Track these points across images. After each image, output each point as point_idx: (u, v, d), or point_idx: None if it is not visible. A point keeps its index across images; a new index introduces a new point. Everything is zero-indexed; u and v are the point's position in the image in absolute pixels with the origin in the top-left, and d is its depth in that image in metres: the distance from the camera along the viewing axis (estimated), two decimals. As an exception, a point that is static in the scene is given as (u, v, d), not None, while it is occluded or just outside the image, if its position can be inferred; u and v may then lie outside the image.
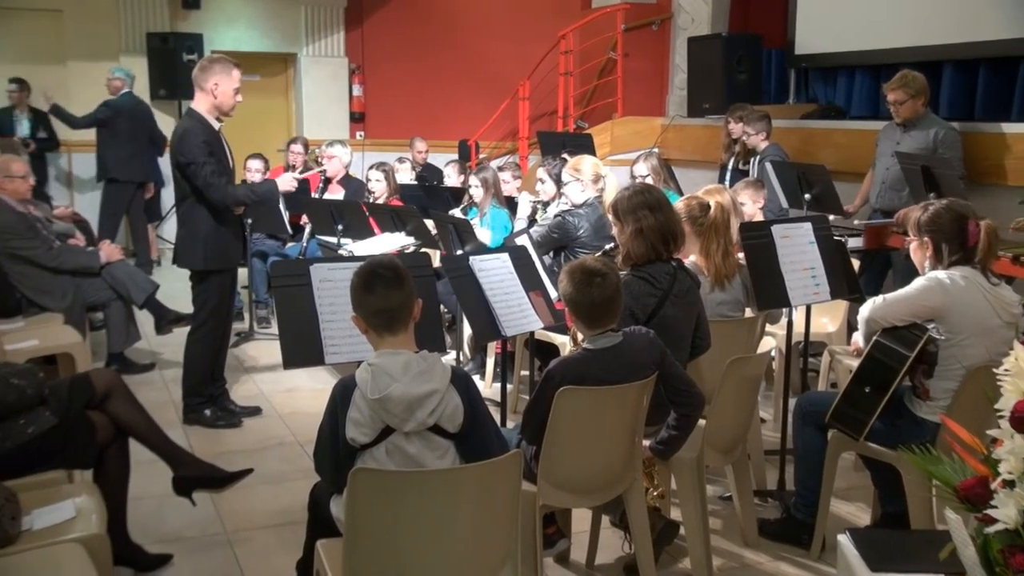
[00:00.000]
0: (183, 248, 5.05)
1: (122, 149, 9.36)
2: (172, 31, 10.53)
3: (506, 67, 11.18)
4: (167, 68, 10.27)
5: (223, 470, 3.72)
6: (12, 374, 3.33)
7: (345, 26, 11.55)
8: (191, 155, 4.79)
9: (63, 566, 2.67)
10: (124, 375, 4.06)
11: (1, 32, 10.23)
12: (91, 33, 10.42)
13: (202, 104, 4.93)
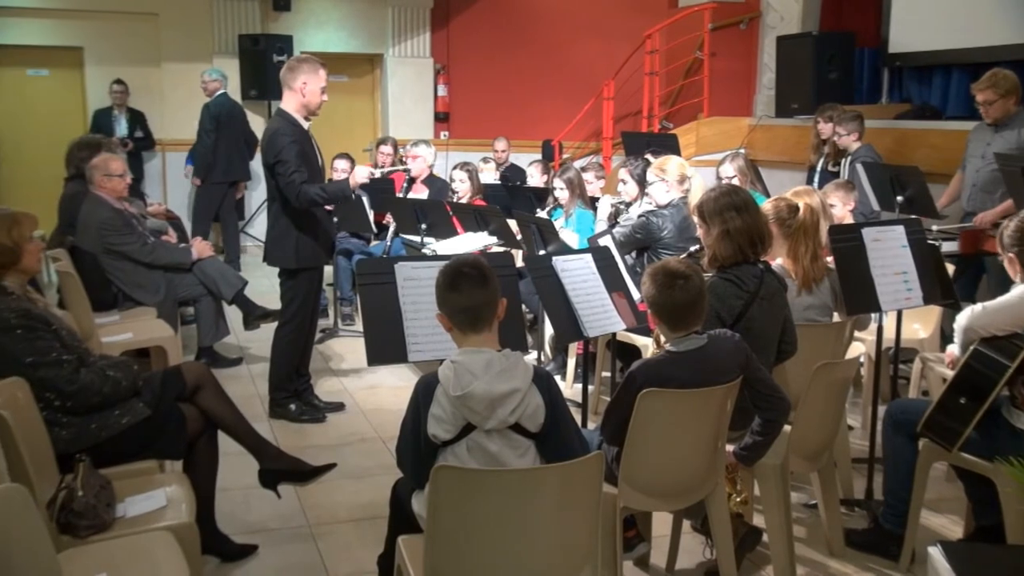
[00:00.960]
0: (274, 246, 5.15)
1: (218, 149, 9.56)
2: (263, 32, 10.76)
3: (591, 67, 11.15)
4: (258, 69, 10.50)
5: (307, 464, 3.78)
6: (108, 366, 3.45)
7: (431, 26, 11.65)
8: (279, 155, 4.88)
9: (154, 553, 2.74)
10: (213, 369, 4.15)
11: (100, 35, 10.58)
12: (185, 36, 10.71)
13: (290, 103, 5.02)
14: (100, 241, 5.75)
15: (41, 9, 10.34)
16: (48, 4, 10.32)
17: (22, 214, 3.45)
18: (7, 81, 10.62)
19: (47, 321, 3.32)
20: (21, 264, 3.39)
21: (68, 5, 10.35)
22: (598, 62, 11.03)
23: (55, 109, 10.68)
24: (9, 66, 10.58)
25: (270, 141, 4.96)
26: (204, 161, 9.61)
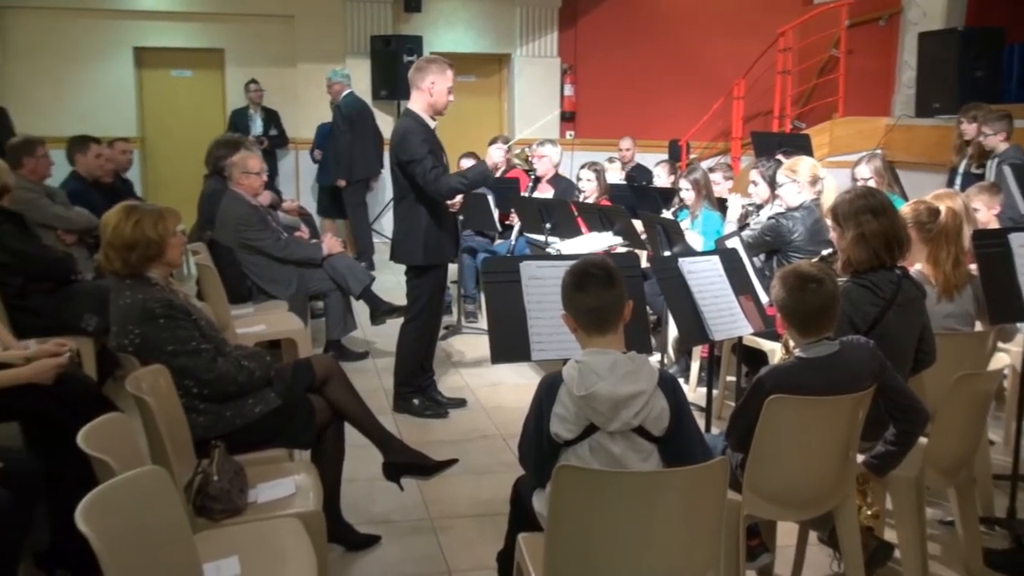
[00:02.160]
0: (402, 244, 5.23)
1: (353, 148, 9.73)
2: (394, 33, 10.97)
3: (720, 65, 10.96)
4: (388, 69, 10.72)
5: (430, 458, 3.83)
6: (243, 356, 3.57)
7: (559, 26, 11.66)
8: (412, 153, 4.95)
9: (283, 538, 2.82)
10: (340, 362, 4.25)
11: (238, 37, 11.00)
12: (319, 37, 11.02)
13: (418, 103, 5.09)
14: (236, 236, 5.97)
15: (185, 13, 10.83)
16: (191, 8, 10.80)
17: (166, 209, 3.60)
18: (152, 82, 11.15)
19: (188, 312, 3.46)
20: (165, 257, 3.54)
21: (210, 8, 10.81)
22: (728, 60, 10.84)
23: (196, 109, 11.17)
24: (154, 67, 11.11)
25: (401, 140, 5.03)
26: (346, 161, 9.71)
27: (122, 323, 3.39)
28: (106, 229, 3.48)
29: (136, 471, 2.29)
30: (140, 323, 3.34)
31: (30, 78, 10.49)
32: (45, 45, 10.55)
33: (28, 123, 9.59)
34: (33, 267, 4.95)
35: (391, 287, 7.38)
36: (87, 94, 10.68)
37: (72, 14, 10.55)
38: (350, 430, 3.77)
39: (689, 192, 6.38)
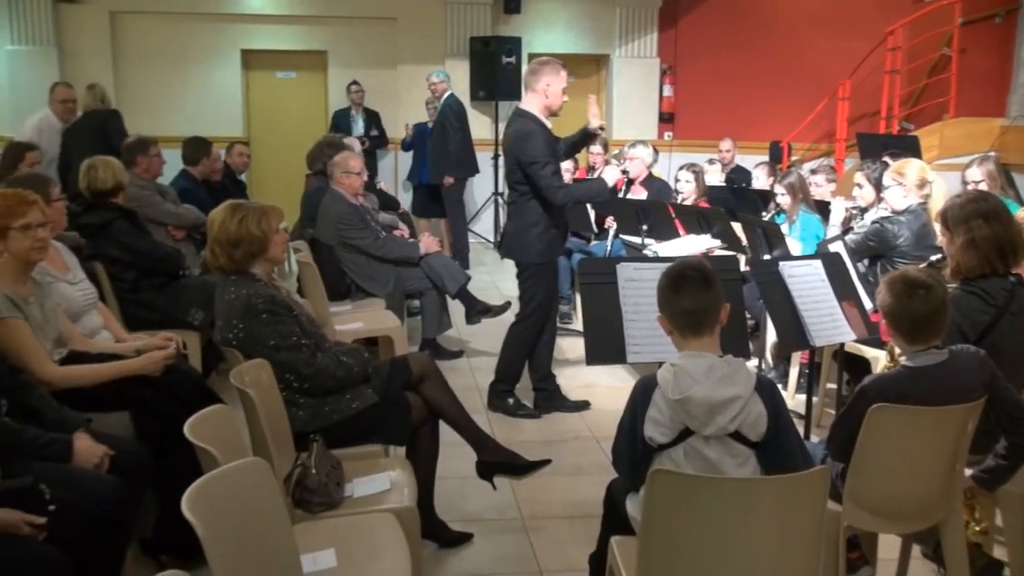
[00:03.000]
0: (516, 241, 5.21)
1: (453, 149, 9.74)
2: (493, 35, 11.03)
3: (825, 65, 10.71)
4: (487, 70, 10.78)
5: (523, 458, 3.84)
6: (342, 352, 3.64)
7: (658, 26, 11.56)
8: (535, 155, 4.94)
9: (377, 533, 2.86)
10: (435, 360, 4.28)
11: (342, 39, 11.22)
12: (420, 39, 11.16)
13: (534, 104, 5.09)
14: (336, 234, 6.08)
15: (291, 16, 11.09)
16: (297, 11, 11.05)
17: (270, 207, 3.69)
18: (259, 83, 11.45)
19: (289, 307, 3.55)
20: (268, 254, 3.62)
21: (314, 11, 11.04)
22: (833, 60, 10.59)
23: (300, 109, 11.43)
24: (261, 69, 11.41)
25: (524, 141, 5.00)
26: (454, 159, 9.67)
27: (227, 318, 3.49)
28: (212, 226, 3.58)
29: (239, 462, 2.35)
30: (244, 318, 3.44)
31: (143, 80, 10.90)
32: (157, 49, 10.94)
33: (141, 123, 9.96)
34: (144, 263, 5.13)
35: (486, 287, 7.44)
36: (197, 96, 11.04)
37: (183, 18, 10.91)
38: (444, 428, 3.81)
39: (784, 197, 6.24)
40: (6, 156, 5.95)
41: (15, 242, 3.41)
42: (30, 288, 3.53)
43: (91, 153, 5.52)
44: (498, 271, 9.58)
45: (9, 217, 3.39)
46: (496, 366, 5.47)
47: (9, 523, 2.46)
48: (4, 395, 3.07)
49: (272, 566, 2.34)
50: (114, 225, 5.05)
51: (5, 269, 3.43)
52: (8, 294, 3.36)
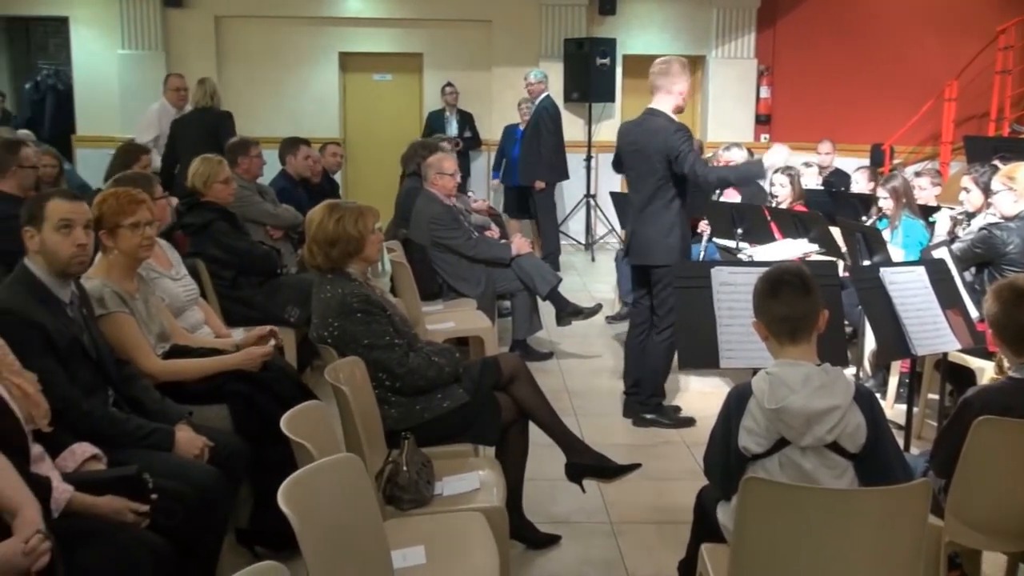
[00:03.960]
0: (653, 245, 5.06)
1: (545, 152, 9.67)
2: (587, 36, 11.01)
3: (930, 66, 10.39)
4: (580, 72, 10.76)
5: (613, 462, 3.81)
6: (434, 352, 3.67)
7: (756, 27, 11.37)
8: (678, 147, 4.87)
9: (467, 532, 2.88)
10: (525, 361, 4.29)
11: (438, 42, 11.33)
12: (515, 41, 11.20)
13: (666, 104, 5.03)
14: (429, 234, 6.14)
15: (387, 19, 11.25)
16: (393, 14, 11.20)
17: (367, 207, 3.75)
18: (356, 86, 11.65)
19: (383, 307, 3.60)
20: (363, 253, 3.68)
21: (411, 14, 11.18)
22: (939, 60, 10.26)
23: (395, 111, 11.59)
24: (358, 72, 11.60)
25: (669, 134, 4.92)
26: (547, 162, 9.62)
27: (322, 316, 3.56)
28: (310, 225, 3.66)
29: (333, 457, 2.39)
30: (339, 316, 3.50)
31: (245, 83, 11.19)
32: (259, 52, 11.22)
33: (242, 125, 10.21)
34: (242, 262, 5.27)
35: (576, 288, 7.42)
36: (296, 98, 11.29)
37: (284, 22, 11.17)
38: (534, 429, 3.81)
39: (887, 200, 6.06)
40: (120, 156, 6.17)
41: (125, 239, 3.53)
42: (137, 284, 3.66)
43: (200, 150, 5.70)
44: (589, 273, 9.56)
45: (120, 215, 3.52)
46: (631, 378, 5.31)
47: (115, 509, 2.55)
48: (110, 386, 3.19)
49: (363, 560, 2.38)
50: (214, 225, 5.19)
51: (115, 265, 3.56)
52: (117, 289, 3.49)
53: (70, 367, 3.00)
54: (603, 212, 10.82)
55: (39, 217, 3.05)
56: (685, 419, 5.25)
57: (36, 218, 3.05)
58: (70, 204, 3.12)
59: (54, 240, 3.04)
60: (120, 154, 6.28)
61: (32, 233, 3.05)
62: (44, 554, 2.18)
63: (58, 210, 3.07)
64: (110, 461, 2.85)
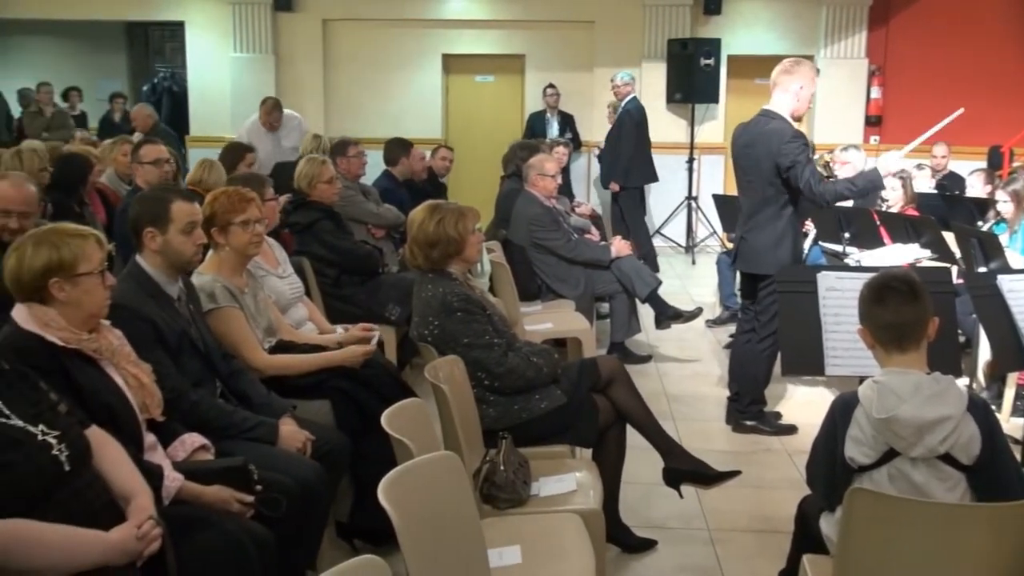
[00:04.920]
0: (758, 253, 4.91)
1: (636, 154, 9.57)
2: (692, 36, 10.88)
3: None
4: (683, 73, 10.64)
5: (712, 468, 3.75)
6: (532, 352, 3.68)
7: (868, 25, 11.05)
8: (793, 156, 4.68)
9: (563, 533, 2.88)
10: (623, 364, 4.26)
11: (540, 43, 11.35)
12: (618, 41, 11.14)
13: (782, 105, 4.84)
14: (529, 235, 6.16)
15: (490, 21, 11.33)
16: (496, 16, 11.28)
17: (467, 209, 3.78)
18: (458, 87, 11.77)
19: (483, 307, 3.62)
20: (464, 254, 3.71)
21: (514, 16, 11.23)
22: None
23: (497, 112, 11.66)
24: (460, 73, 11.72)
25: (782, 141, 4.72)
26: (626, 165, 9.53)
27: (423, 314, 3.60)
28: (412, 226, 3.70)
29: (432, 455, 2.42)
30: (439, 315, 3.53)
31: (350, 84, 11.43)
32: (364, 54, 11.44)
33: (347, 126, 10.52)
34: (345, 260, 5.37)
35: (676, 291, 7.34)
36: (399, 99, 11.47)
37: (388, 25, 11.35)
38: (631, 432, 3.78)
39: (1007, 204, 5.81)
40: (226, 156, 6.37)
41: (235, 237, 3.64)
42: (245, 280, 3.76)
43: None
44: (689, 276, 9.45)
45: (231, 213, 3.63)
46: (740, 386, 5.18)
47: (222, 499, 2.63)
48: (218, 379, 3.29)
49: (460, 557, 2.39)
50: (318, 224, 5.32)
51: (225, 262, 3.67)
52: (227, 285, 3.60)
53: (179, 360, 3.11)
54: (704, 214, 10.68)
55: (165, 219, 3.16)
56: (787, 426, 5.13)
57: (161, 219, 3.16)
58: (192, 206, 3.25)
59: (179, 241, 3.17)
60: (226, 154, 6.49)
61: (154, 234, 3.16)
62: (155, 539, 2.26)
63: (184, 212, 3.19)
64: (217, 452, 2.94)
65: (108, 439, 2.45)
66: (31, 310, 2.56)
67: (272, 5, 11.20)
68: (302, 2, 11.31)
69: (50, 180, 5.54)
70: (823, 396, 5.47)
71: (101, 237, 2.70)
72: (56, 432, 2.23)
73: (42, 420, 2.23)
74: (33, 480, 2.13)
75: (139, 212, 3.21)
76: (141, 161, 5.64)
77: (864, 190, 4.87)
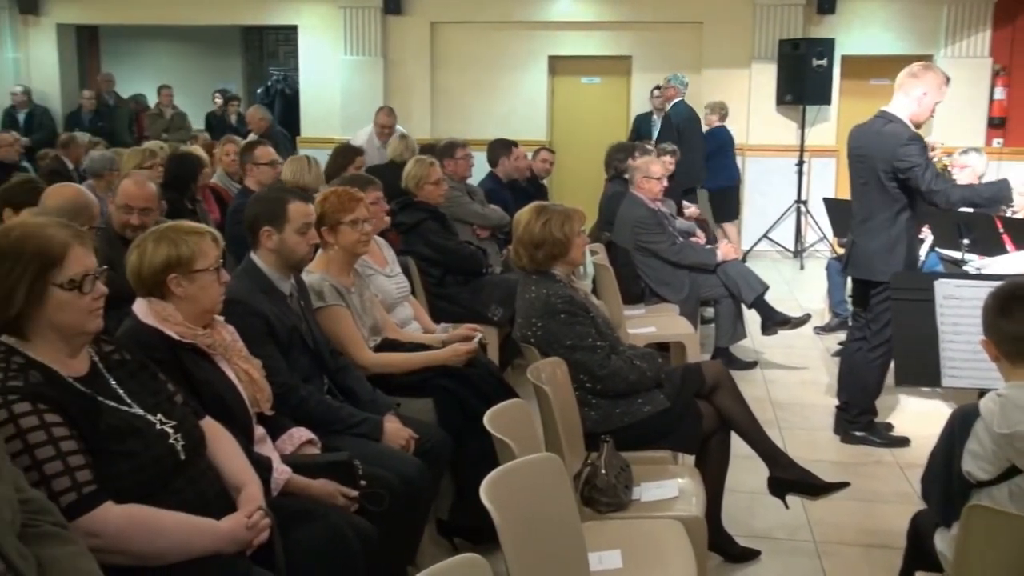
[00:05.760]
0: (871, 259, 4.78)
1: (695, 156, 9.28)
2: (804, 37, 10.63)
3: None
4: (794, 74, 10.40)
5: (819, 478, 3.65)
6: (636, 356, 3.65)
7: (993, 23, 10.60)
8: (913, 159, 4.55)
9: (664, 539, 2.84)
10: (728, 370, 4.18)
11: (647, 44, 11.25)
12: (727, 42, 10.96)
13: (902, 108, 4.70)
14: (633, 238, 6.12)
15: (597, 22, 11.29)
16: (603, 17, 11.23)
17: (573, 211, 3.77)
18: (564, 89, 11.76)
19: (586, 309, 3.61)
20: (568, 256, 3.70)
21: (621, 17, 11.16)
22: None
23: (602, 114, 11.61)
24: (566, 75, 11.71)
25: (899, 144, 4.58)
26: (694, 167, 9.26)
27: (526, 315, 3.60)
28: (518, 226, 3.72)
29: (534, 456, 2.42)
30: (543, 317, 3.53)
31: (457, 86, 11.54)
32: (471, 56, 11.54)
33: (453, 127, 10.62)
34: (449, 260, 5.43)
35: (783, 297, 7.19)
36: (505, 100, 11.53)
37: (495, 27, 11.42)
38: (735, 439, 3.71)
39: None
40: (336, 158, 6.51)
41: (344, 235, 3.72)
42: (352, 279, 3.84)
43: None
44: (797, 282, 9.24)
45: (340, 212, 3.71)
46: (848, 396, 5.05)
47: (327, 493, 2.69)
48: (326, 375, 3.36)
49: (561, 559, 2.39)
50: (424, 224, 5.38)
51: (334, 260, 3.75)
52: (335, 283, 3.67)
53: (290, 355, 3.19)
54: (814, 218, 10.43)
55: (281, 218, 3.25)
56: (898, 438, 4.96)
57: (279, 219, 3.26)
58: (307, 207, 3.35)
59: (294, 241, 3.26)
60: (336, 155, 6.63)
61: (271, 233, 3.25)
62: (264, 529, 2.32)
63: (300, 213, 3.28)
64: (323, 447, 3.00)
65: (221, 430, 2.53)
66: (150, 305, 2.66)
67: (382, 8, 11.39)
68: (411, 5, 11.47)
69: (164, 179, 5.75)
70: (938, 409, 5.27)
71: (217, 235, 2.79)
72: (173, 422, 2.31)
73: (160, 410, 2.32)
74: (152, 467, 2.21)
75: (257, 212, 3.31)
76: (256, 162, 5.81)
77: (992, 199, 4.67)
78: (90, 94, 11.72)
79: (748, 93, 10.88)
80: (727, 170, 10.07)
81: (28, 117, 11.31)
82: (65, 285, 2.15)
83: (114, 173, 5.98)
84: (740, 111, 10.70)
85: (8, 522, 1.83)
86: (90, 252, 2.23)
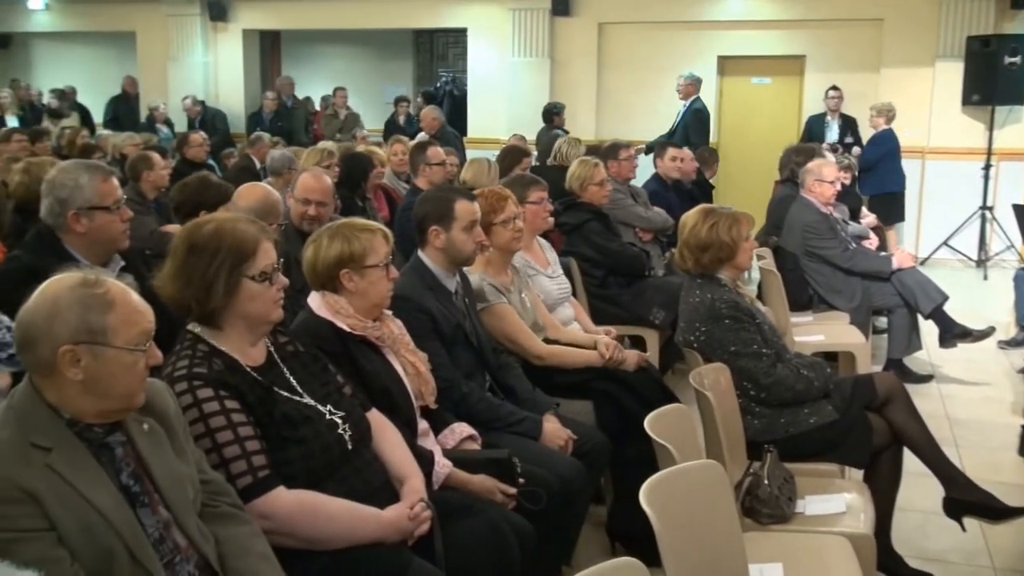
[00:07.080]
0: None
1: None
2: (995, 33, 10.03)
3: None
4: (984, 72, 9.82)
5: (1000, 501, 3.44)
6: (803, 365, 3.54)
7: None
8: None
9: (829, 555, 2.74)
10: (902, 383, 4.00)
11: (821, 43, 10.85)
12: (909, 40, 10.45)
13: None
14: (803, 243, 5.92)
15: (769, 21, 10.99)
16: (775, 16, 10.93)
17: (741, 214, 3.68)
18: (733, 89, 11.52)
19: (752, 315, 3.52)
20: (735, 261, 3.62)
21: (794, 16, 10.83)
22: None
23: (773, 115, 11.30)
24: (736, 75, 11.46)
25: None
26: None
27: (690, 320, 3.55)
28: (684, 229, 3.67)
29: (695, 462, 2.39)
30: (706, 321, 3.48)
31: (622, 86, 11.49)
32: (637, 56, 11.45)
33: (618, 128, 10.56)
34: (612, 262, 5.41)
35: (963, 308, 6.79)
36: (672, 101, 11.30)
37: (663, 27, 11.29)
38: (908, 456, 3.54)
39: None
40: (505, 158, 6.61)
41: (498, 235, 3.76)
42: (511, 277, 3.88)
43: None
44: (979, 292, 8.73)
45: (492, 214, 3.74)
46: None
47: (487, 489, 2.73)
48: (487, 372, 3.41)
49: (720, 568, 2.34)
50: (587, 225, 5.39)
51: (491, 261, 3.80)
52: (494, 282, 3.73)
53: (453, 351, 3.26)
54: (1001, 226, 9.83)
55: (449, 217, 3.34)
56: None
57: (446, 218, 3.34)
58: (473, 205, 3.42)
59: (462, 239, 3.34)
60: (505, 156, 6.71)
61: (439, 231, 3.34)
62: (426, 521, 2.38)
63: (466, 211, 3.36)
64: (483, 443, 3.05)
65: (386, 422, 2.61)
66: (324, 298, 2.77)
67: (551, 10, 11.47)
68: (580, 6, 11.49)
69: (337, 177, 5.97)
70: None
71: (387, 232, 2.88)
72: (342, 412, 2.40)
73: (330, 400, 2.41)
74: (321, 455, 2.30)
75: (426, 211, 3.40)
76: (429, 163, 5.96)
77: None
78: (273, 95, 12.32)
79: (931, 93, 10.35)
80: (893, 174, 9.64)
81: (201, 123, 11.96)
82: (257, 277, 2.30)
83: (292, 172, 6.25)
84: (921, 112, 10.21)
85: (190, 500, 1.95)
86: (273, 246, 2.36)
